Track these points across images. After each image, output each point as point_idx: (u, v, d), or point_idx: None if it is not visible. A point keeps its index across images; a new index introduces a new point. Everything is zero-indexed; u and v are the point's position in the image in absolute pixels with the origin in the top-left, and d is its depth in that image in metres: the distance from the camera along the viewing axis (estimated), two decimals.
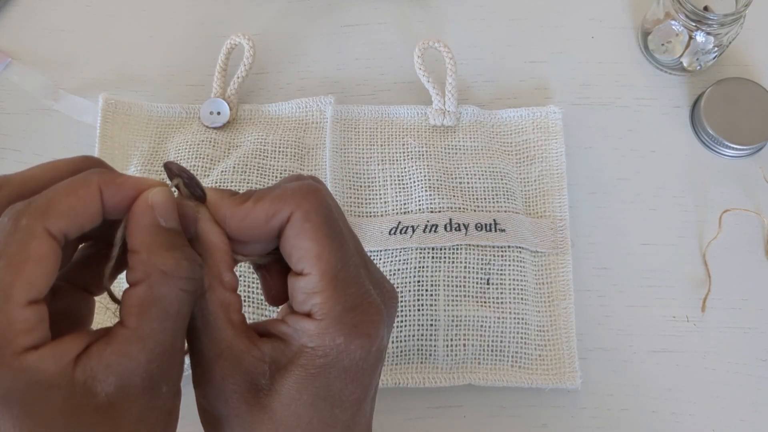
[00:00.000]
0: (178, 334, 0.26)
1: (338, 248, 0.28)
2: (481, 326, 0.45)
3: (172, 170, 0.29)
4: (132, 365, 0.25)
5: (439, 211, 0.47)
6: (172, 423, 0.28)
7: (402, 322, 0.45)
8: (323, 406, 0.28)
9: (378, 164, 0.50)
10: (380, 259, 0.47)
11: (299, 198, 0.28)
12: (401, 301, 0.45)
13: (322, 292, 0.28)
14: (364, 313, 0.29)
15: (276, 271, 0.31)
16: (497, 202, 0.48)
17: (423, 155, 0.50)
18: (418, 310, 0.45)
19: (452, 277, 0.46)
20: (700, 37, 0.51)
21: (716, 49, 0.52)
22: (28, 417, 0.23)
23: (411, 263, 0.46)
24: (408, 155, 0.50)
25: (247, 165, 0.48)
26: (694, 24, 0.51)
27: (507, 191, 0.48)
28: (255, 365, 0.28)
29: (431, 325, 0.45)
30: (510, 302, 0.46)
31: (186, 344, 0.29)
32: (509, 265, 0.46)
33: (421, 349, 0.45)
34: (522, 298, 0.46)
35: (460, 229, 0.46)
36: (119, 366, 0.25)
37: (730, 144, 0.51)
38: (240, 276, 0.45)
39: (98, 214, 0.26)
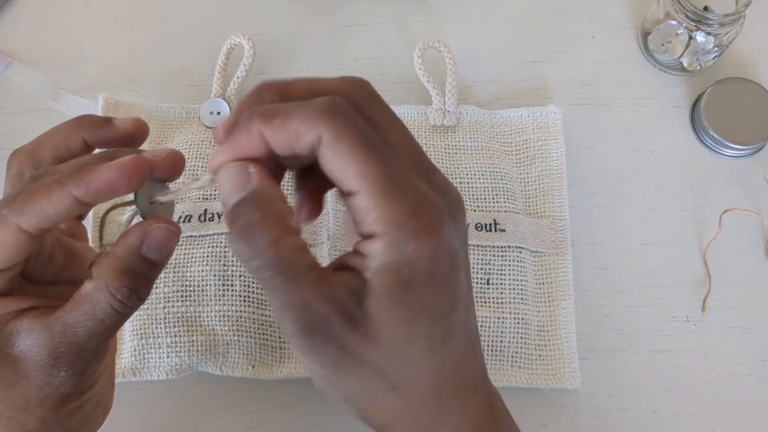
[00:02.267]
0: (93, 337, 0.30)
1: (380, 161, 0.27)
2: (481, 326, 0.45)
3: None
4: (47, 339, 0.29)
5: None
6: (70, 406, 0.31)
7: None
8: (422, 319, 0.28)
9: None
10: None
11: (328, 118, 0.27)
12: None
13: (375, 208, 0.27)
14: (427, 215, 0.28)
15: (303, 186, 0.32)
16: (497, 202, 0.48)
17: (426, 153, 0.50)
18: None
19: None
20: (700, 37, 0.51)
21: (716, 49, 0.52)
22: None
23: None
24: None
25: None
26: (694, 24, 0.51)
27: (507, 191, 0.48)
28: (343, 298, 0.28)
29: None
30: (510, 302, 0.46)
31: (99, 359, 0.31)
32: (509, 265, 0.46)
33: None
34: (522, 298, 0.46)
35: None
36: (39, 334, 0.29)
37: (730, 144, 0.51)
38: (240, 276, 0.45)
39: (72, 209, 0.29)
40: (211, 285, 0.44)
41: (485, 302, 0.46)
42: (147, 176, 0.30)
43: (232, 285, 0.45)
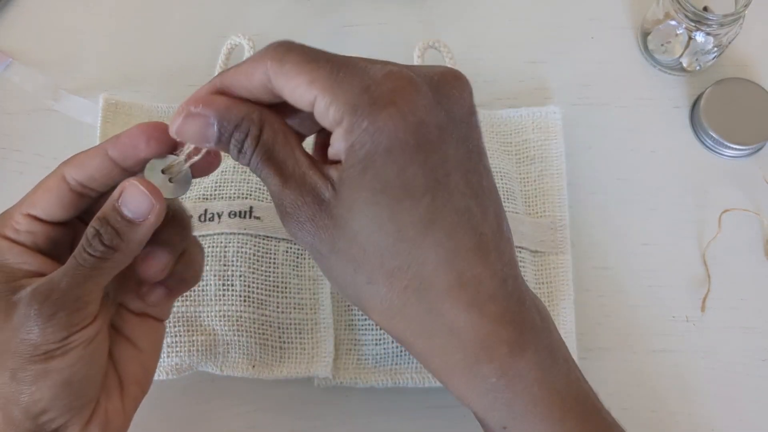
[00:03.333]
0: (66, 276, 0.30)
1: (325, 62, 0.28)
2: None
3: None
4: (50, 287, 0.30)
5: None
6: (36, 365, 0.30)
7: None
8: (385, 200, 0.27)
9: None
10: None
11: (270, 50, 0.28)
12: None
13: (331, 104, 0.27)
14: (383, 84, 0.27)
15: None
16: None
17: None
18: None
19: None
20: (699, 37, 0.51)
21: (716, 49, 0.52)
22: None
23: None
24: None
25: None
26: (693, 24, 0.51)
27: (507, 191, 0.48)
28: (316, 185, 0.28)
29: None
30: None
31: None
32: None
33: None
34: None
35: None
36: (43, 283, 0.30)
37: (729, 144, 0.51)
38: (240, 276, 0.45)
39: (107, 167, 0.32)
40: (211, 285, 0.44)
41: None
42: (167, 144, 0.31)
43: (232, 285, 0.45)
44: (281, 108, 0.30)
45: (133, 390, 0.34)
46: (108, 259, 0.30)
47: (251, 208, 0.46)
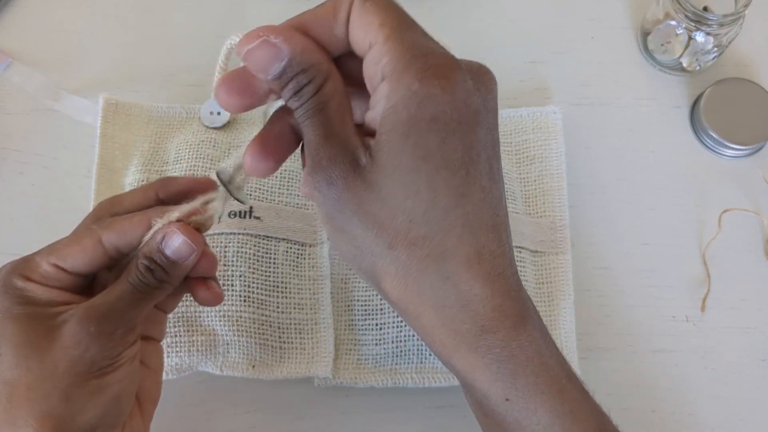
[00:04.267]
0: (121, 299, 0.33)
1: (402, 15, 0.28)
2: None
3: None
4: (107, 308, 0.33)
5: None
6: (91, 383, 0.32)
7: (402, 321, 0.45)
8: (426, 167, 0.27)
9: None
10: None
11: None
12: None
13: (387, 53, 0.27)
14: (439, 58, 0.28)
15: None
16: None
17: None
18: None
19: None
20: (699, 37, 0.51)
21: (716, 49, 0.52)
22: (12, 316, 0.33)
23: None
24: None
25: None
26: (693, 24, 0.51)
27: (507, 191, 0.48)
28: (355, 145, 0.28)
29: None
30: None
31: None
32: None
33: (421, 349, 0.45)
34: None
35: None
36: (94, 305, 0.33)
37: (729, 144, 0.51)
38: (240, 276, 0.45)
39: (137, 237, 0.34)
40: None
41: None
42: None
43: (232, 285, 0.45)
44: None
45: (148, 406, 0.37)
46: (158, 288, 0.34)
47: (251, 208, 0.46)
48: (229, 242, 0.45)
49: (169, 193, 0.37)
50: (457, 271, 0.28)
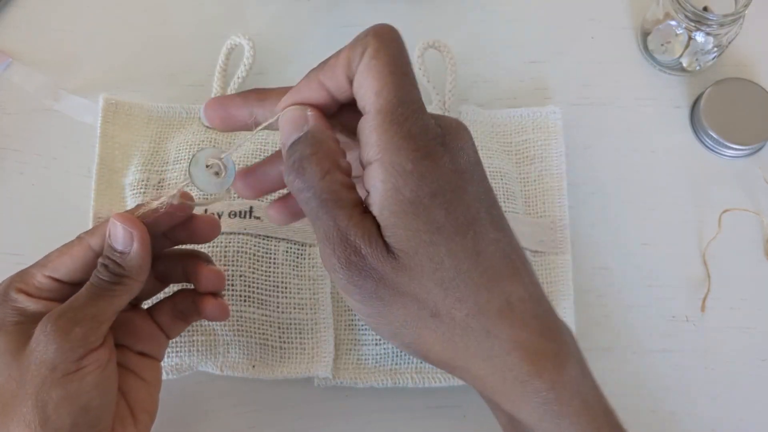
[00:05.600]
0: (80, 297, 0.34)
1: (399, 86, 0.29)
2: None
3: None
4: (64, 307, 0.34)
5: None
6: (60, 386, 0.33)
7: None
8: (441, 239, 0.29)
9: None
10: None
11: (372, 35, 0.30)
12: None
13: (377, 128, 0.29)
14: (421, 139, 0.29)
15: None
16: None
17: None
18: None
19: None
20: (699, 37, 0.51)
21: (716, 49, 0.52)
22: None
23: None
24: None
25: (247, 165, 0.48)
26: (693, 24, 0.51)
27: (507, 191, 0.48)
28: (376, 233, 0.29)
29: None
30: None
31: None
32: None
33: None
34: None
35: None
36: (58, 307, 0.34)
37: (729, 144, 0.51)
38: (240, 276, 0.45)
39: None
40: None
41: None
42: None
43: (232, 285, 0.45)
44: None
45: (144, 417, 0.38)
46: (118, 284, 0.34)
47: (251, 208, 0.46)
48: (230, 242, 0.45)
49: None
50: (494, 323, 0.30)
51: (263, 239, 0.46)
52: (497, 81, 0.55)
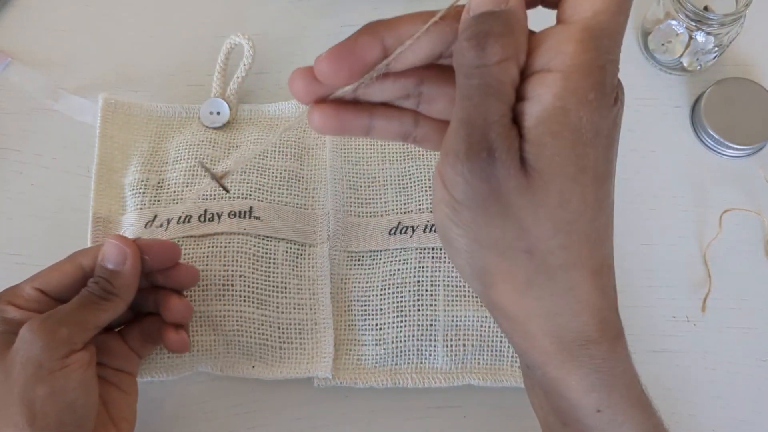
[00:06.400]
0: (83, 311, 0.37)
1: (618, 19, 0.27)
2: (481, 326, 0.45)
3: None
4: (53, 312, 0.37)
5: None
6: (43, 382, 0.34)
7: (402, 322, 0.45)
8: (583, 179, 0.27)
9: (378, 164, 0.50)
10: (380, 259, 0.47)
11: None
12: (401, 302, 0.45)
13: (579, 42, 0.26)
14: (608, 73, 0.27)
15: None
16: None
17: (423, 155, 0.50)
18: (418, 310, 0.45)
19: (452, 277, 0.46)
20: (700, 37, 0.51)
21: (716, 49, 0.52)
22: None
23: (411, 263, 0.46)
24: (408, 155, 0.50)
25: (247, 165, 0.48)
26: (694, 24, 0.51)
27: None
28: (516, 139, 0.27)
29: (431, 325, 0.45)
30: None
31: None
32: None
33: (421, 349, 0.45)
34: None
35: None
36: (45, 313, 0.37)
37: (730, 144, 0.51)
38: (240, 276, 0.45)
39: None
40: (211, 285, 0.44)
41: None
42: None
43: (232, 285, 0.45)
44: None
45: (125, 425, 0.40)
46: (105, 300, 0.37)
47: (251, 208, 0.46)
48: (230, 242, 0.45)
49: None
50: (581, 281, 0.28)
51: (263, 239, 0.46)
52: None
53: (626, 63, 0.55)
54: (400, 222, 0.47)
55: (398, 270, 0.46)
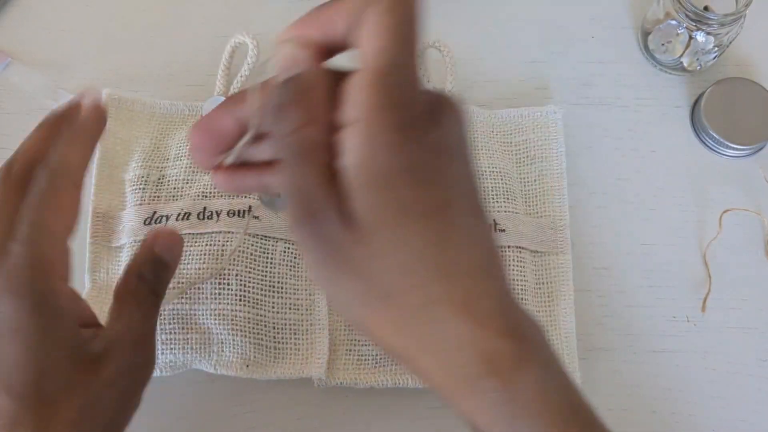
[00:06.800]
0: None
1: (404, 51, 0.27)
2: None
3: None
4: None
5: None
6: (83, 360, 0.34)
7: None
8: (407, 221, 0.27)
9: None
10: None
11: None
12: None
13: (368, 86, 0.27)
14: (413, 109, 0.27)
15: None
16: (497, 202, 0.48)
17: None
18: None
19: None
20: (700, 37, 0.51)
21: (716, 49, 0.52)
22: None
23: None
24: None
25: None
26: (694, 24, 0.51)
27: (507, 191, 0.48)
28: (336, 198, 0.27)
29: None
30: None
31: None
32: (509, 265, 0.46)
33: None
34: (522, 298, 0.46)
35: None
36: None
37: (730, 144, 0.51)
38: (236, 275, 0.45)
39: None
40: (207, 283, 0.44)
41: None
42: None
43: (228, 284, 0.44)
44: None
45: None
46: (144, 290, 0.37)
47: (250, 207, 0.46)
48: (228, 241, 0.45)
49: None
50: (448, 317, 0.27)
51: (261, 239, 0.46)
52: (497, 81, 0.55)
53: (626, 63, 0.56)
54: None
55: None
